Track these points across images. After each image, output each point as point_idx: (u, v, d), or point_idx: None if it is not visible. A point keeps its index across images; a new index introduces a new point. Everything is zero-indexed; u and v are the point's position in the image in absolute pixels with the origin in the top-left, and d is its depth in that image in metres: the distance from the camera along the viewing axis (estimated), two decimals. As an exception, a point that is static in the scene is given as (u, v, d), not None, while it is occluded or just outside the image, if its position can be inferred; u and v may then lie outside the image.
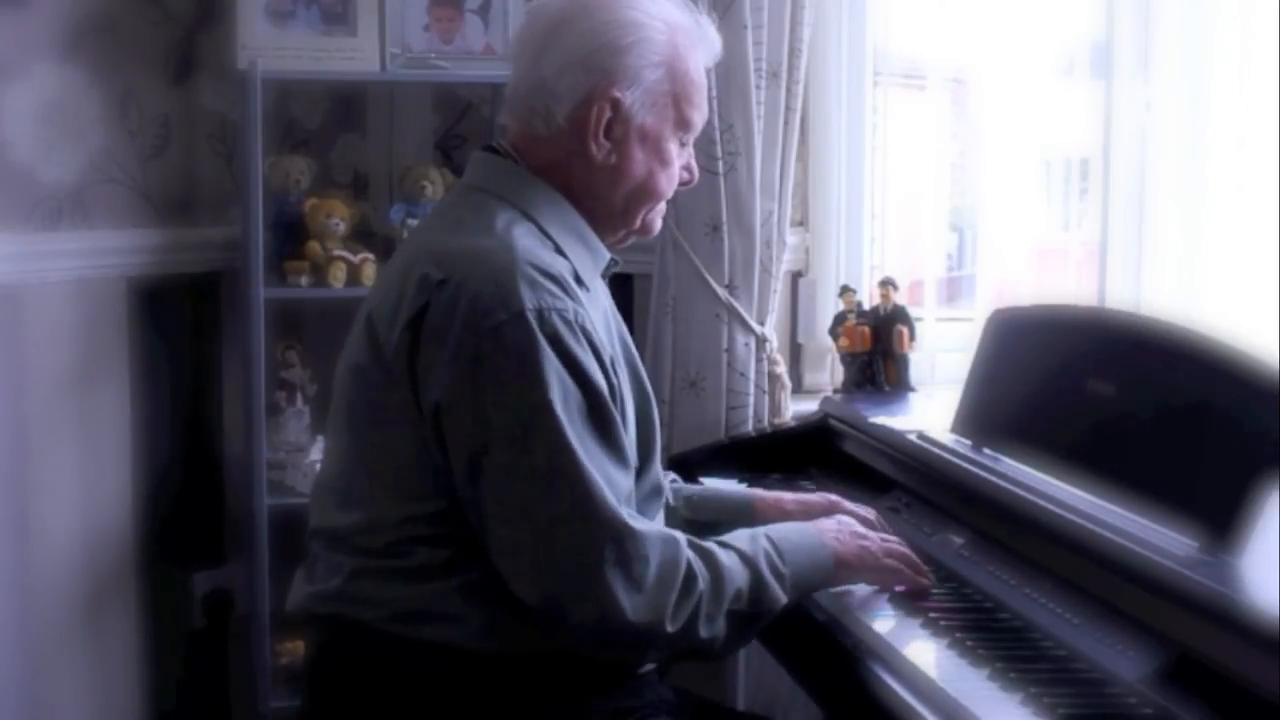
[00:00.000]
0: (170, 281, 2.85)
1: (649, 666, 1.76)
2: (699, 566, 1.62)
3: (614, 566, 1.56)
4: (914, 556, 1.83)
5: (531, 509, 1.57)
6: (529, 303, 1.58)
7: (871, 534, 1.83)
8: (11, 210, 2.60)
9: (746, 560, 1.67)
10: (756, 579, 1.66)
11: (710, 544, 1.67)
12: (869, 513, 1.97)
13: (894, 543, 1.84)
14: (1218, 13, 2.59)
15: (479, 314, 1.57)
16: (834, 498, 2.01)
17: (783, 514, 1.97)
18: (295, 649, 2.75)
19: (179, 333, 2.90)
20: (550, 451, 1.56)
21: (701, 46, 1.78)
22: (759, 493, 2.06)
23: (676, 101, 1.75)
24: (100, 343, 2.76)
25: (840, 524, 1.83)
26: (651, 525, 1.63)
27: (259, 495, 2.73)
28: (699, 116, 1.79)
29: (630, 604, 1.56)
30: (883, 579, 1.80)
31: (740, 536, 1.71)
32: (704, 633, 1.61)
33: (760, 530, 1.74)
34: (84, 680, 2.77)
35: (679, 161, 1.79)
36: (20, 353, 2.64)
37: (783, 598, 1.68)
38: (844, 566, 1.76)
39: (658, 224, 1.83)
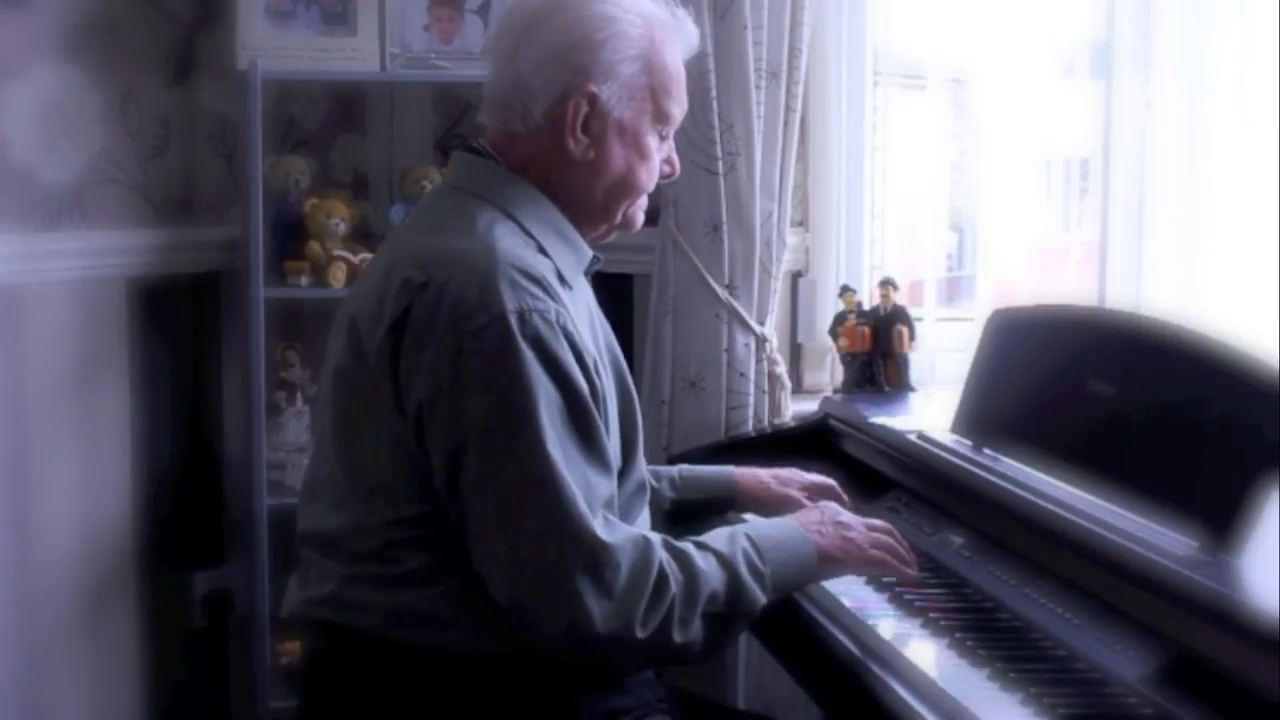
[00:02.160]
0: (170, 281, 2.85)
1: None
2: (672, 570, 1.61)
3: (584, 574, 1.54)
4: (900, 545, 1.81)
5: (505, 513, 1.56)
6: (510, 304, 1.57)
7: (856, 523, 1.80)
8: (11, 210, 2.60)
9: (724, 561, 1.65)
10: (734, 580, 1.64)
11: (687, 545, 1.66)
12: (827, 481, 2.06)
13: (880, 531, 1.81)
14: (1218, 13, 2.59)
15: (461, 316, 1.57)
16: (798, 472, 2.08)
17: (760, 484, 2.02)
18: (295, 649, 2.75)
19: (179, 333, 2.90)
20: (527, 455, 1.56)
21: (679, 39, 1.79)
22: (737, 469, 2.09)
23: (654, 95, 1.74)
24: (100, 343, 2.76)
25: (824, 515, 1.81)
26: (624, 532, 1.61)
27: (259, 495, 2.73)
28: (678, 109, 1.79)
29: (599, 612, 1.55)
30: (868, 570, 1.79)
31: (719, 536, 1.70)
32: (678, 638, 1.59)
33: (740, 528, 1.73)
34: (84, 680, 2.78)
35: (659, 155, 1.79)
36: (20, 353, 2.64)
37: (762, 598, 1.66)
38: (828, 560, 1.74)
39: (640, 219, 1.83)
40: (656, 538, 1.63)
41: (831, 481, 2.11)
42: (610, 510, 1.63)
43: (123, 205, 2.78)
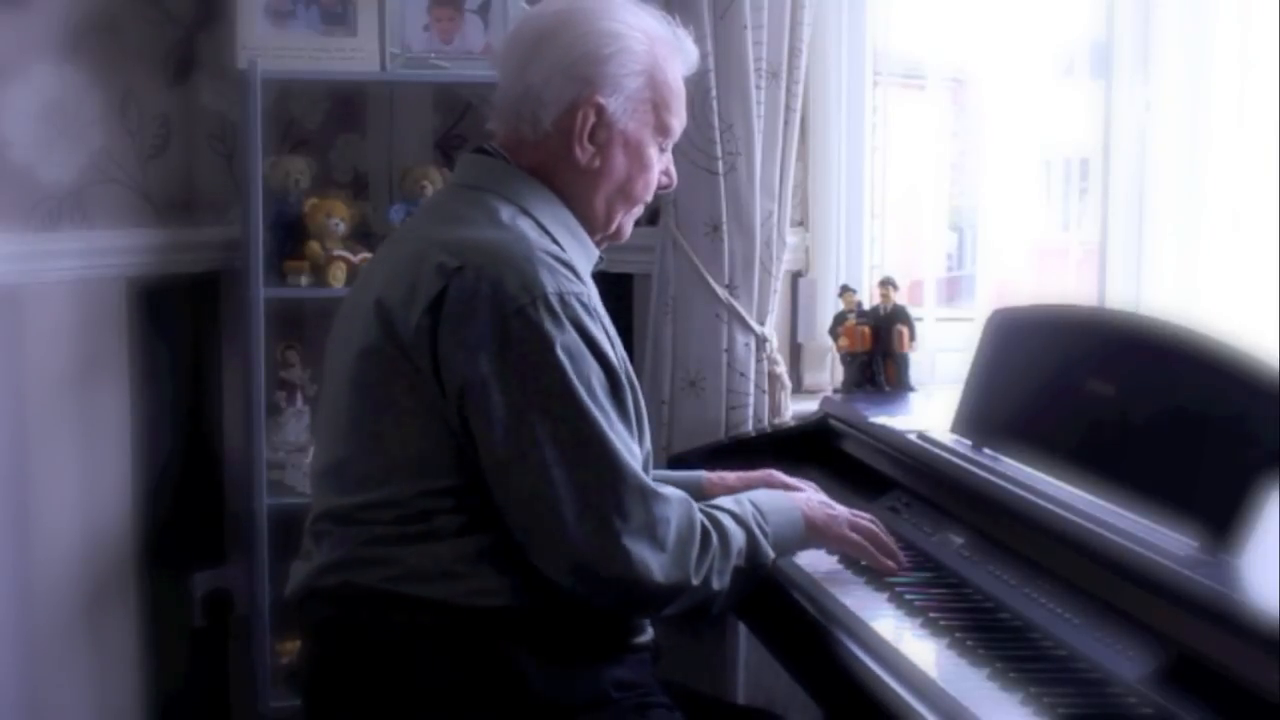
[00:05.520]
0: (170, 281, 2.85)
1: (645, 637, 1.81)
2: (708, 524, 1.74)
3: (640, 530, 1.65)
4: (883, 536, 1.92)
5: (562, 480, 1.64)
6: (549, 286, 1.66)
7: (839, 507, 1.95)
8: (11, 210, 2.60)
9: (739, 521, 1.80)
10: (751, 538, 1.79)
11: (708, 507, 1.79)
12: (807, 484, 2.08)
13: (863, 519, 1.93)
14: (1218, 13, 2.59)
15: (503, 298, 1.64)
16: (772, 471, 2.12)
17: (727, 488, 2.08)
18: (295, 649, 2.75)
19: (179, 333, 2.90)
20: (578, 425, 1.64)
21: (679, 57, 1.87)
22: (705, 473, 2.16)
23: (656, 108, 1.83)
24: (100, 343, 2.76)
25: (810, 495, 1.98)
26: (666, 488, 1.71)
27: (259, 495, 2.73)
28: (678, 123, 1.87)
29: (658, 564, 1.66)
30: (846, 549, 1.91)
31: (726, 501, 1.84)
32: (716, 585, 1.73)
33: (743, 495, 1.88)
34: (84, 680, 2.77)
35: (658, 167, 1.87)
36: (20, 353, 2.63)
37: (771, 554, 1.81)
38: (812, 529, 1.88)
39: (629, 229, 1.92)
40: (689, 497, 1.74)
41: (809, 485, 2.11)
42: None
43: (123, 205, 2.78)
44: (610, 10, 1.81)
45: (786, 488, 2.05)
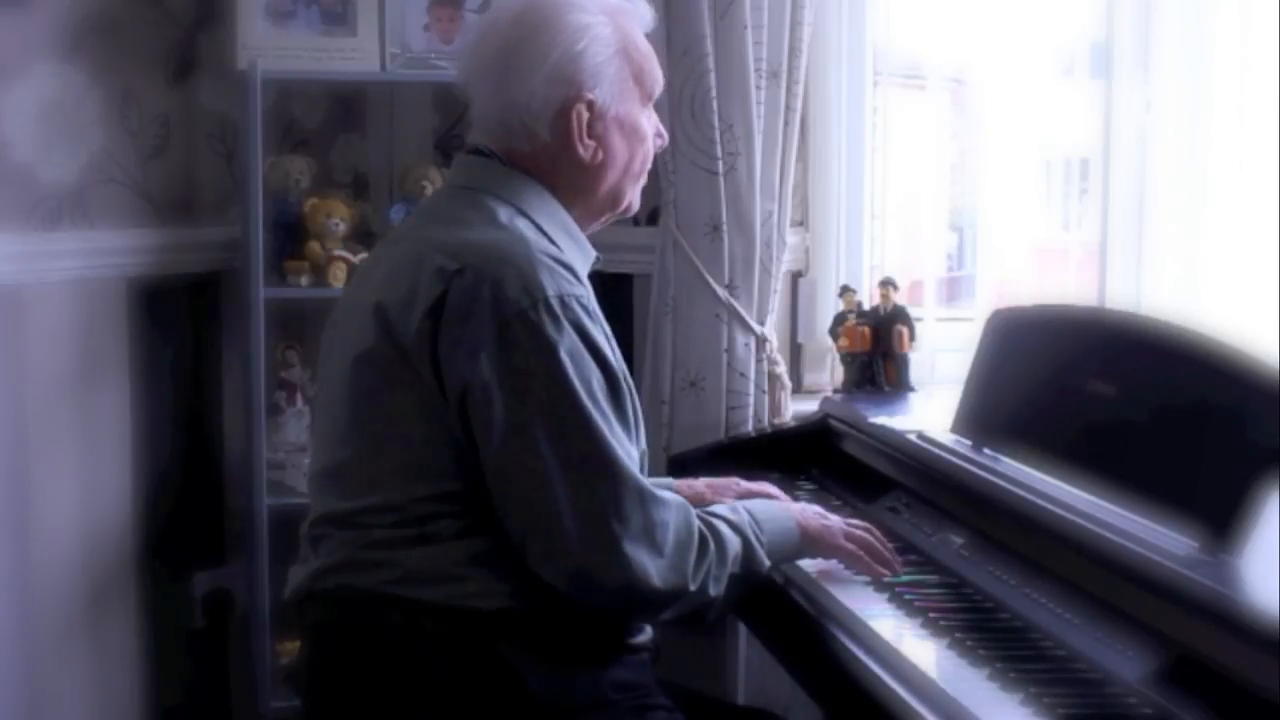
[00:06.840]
0: (170, 281, 2.85)
1: (644, 637, 1.81)
2: (706, 531, 1.73)
3: (639, 534, 1.65)
4: (878, 545, 1.91)
5: (561, 484, 1.63)
6: (550, 289, 1.65)
7: (833, 516, 1.94)
8: (11, 210, 2.60)
9: (735, 528, 1.79)
10: (746, 545, 1.79)
11: (705, 514, 1.79)
12: (769, 487, 2.09)
13: (858, 527, 1.93)
14: (1218, 13, 2.59)
15: (503, 301, 1.64)
16: (735, 479, 2.12)
17: (695, 494, 2.08)
18: (295, 649, 2.75)
19: (179, 333, 2.90)
20: (578, 428, 1.64)
21: (636, 20, 1.87)
22: (675, 480, 2.15)
23: (637, 79, 1.84)
24: (100, 343, 2.76)
25: (806, 506, 1.97)
26: (666, 492, 1.71)
27: (259, 495, 2.73)
28: (657, 81, 1.88)
29: (655, 568, 1.65)
30: (842, 558, 1.91)
31: (722, 509, 1.83)
32: (713, 591, 1.72)
33: (739, 503, 1.87)
34: (84, 680, 2.77)
35: (651, 132, 1.88)
36: (20, 353, 2.63)
37: (766, 562, 1.81)
38: (807, 538, 1.88)
39: (638, 200, 1.91)
40: (686, 502, 1.74)
41: (769, 486, 2.12)
42: None
43: (123, 205, 2.78)
44: (565, 1, 1.79)
45: (739, 494, 2.05)
